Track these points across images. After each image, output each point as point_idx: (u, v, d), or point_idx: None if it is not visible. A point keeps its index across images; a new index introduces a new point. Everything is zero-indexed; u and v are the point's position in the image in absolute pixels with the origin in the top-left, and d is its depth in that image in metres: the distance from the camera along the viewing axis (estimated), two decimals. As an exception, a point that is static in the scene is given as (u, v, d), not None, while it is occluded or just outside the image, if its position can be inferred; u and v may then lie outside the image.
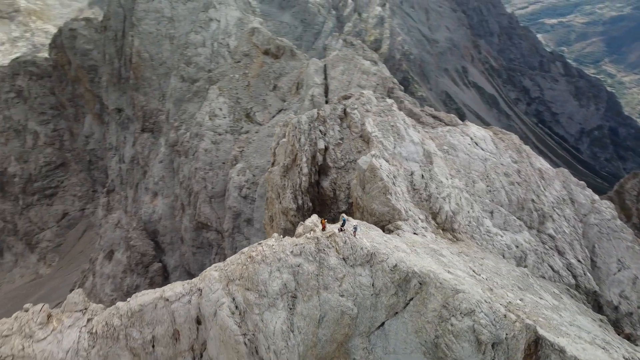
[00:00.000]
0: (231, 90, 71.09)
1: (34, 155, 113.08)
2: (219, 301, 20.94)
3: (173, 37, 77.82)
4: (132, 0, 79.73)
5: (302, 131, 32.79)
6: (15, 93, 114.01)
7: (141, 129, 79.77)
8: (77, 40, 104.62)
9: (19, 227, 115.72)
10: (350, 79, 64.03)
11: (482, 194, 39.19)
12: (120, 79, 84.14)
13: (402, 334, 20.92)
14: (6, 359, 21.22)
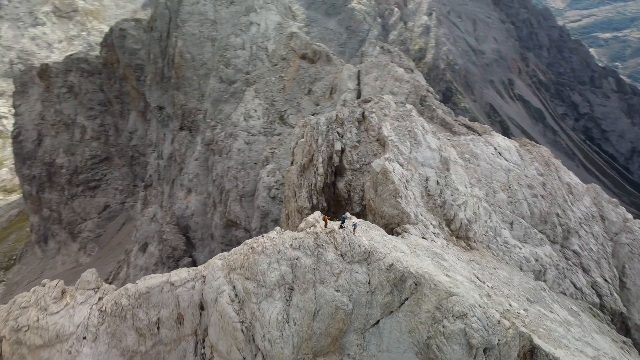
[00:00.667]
0: (267, 92, 72.57)
1: (81, 148, 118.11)
2: (220, 288, 21.82)
3: (215, 39, 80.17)
4: (177, 2, 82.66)
5: (320, 132, 33.51)
6: (67, 88, 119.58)
7: (180, 127, 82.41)
8: (126, 39, 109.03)
9: (63, 217, 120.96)
10: (383, 86, 64.35)
11: (503, 205, 38.79)
12: (163, 78, 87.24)
13: (396, 333, 21.21)
14: (22, 329, 22.75)
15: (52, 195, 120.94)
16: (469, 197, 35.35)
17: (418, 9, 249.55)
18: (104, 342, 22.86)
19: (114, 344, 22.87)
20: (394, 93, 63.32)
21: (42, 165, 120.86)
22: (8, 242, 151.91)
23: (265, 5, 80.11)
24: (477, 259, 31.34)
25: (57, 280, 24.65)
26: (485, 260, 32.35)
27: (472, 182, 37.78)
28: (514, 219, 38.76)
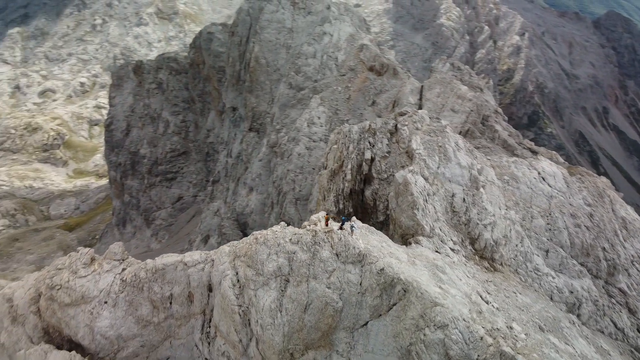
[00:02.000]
0: (332, 101, 74.44)
1: (163, 141, 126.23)
2: (225, 273, 23.65)
3: (289, 46, 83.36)
4: (259, 10, 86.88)
5: (351, 140, 34.61)
6: (157, 85, 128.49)
7: (249, 128, 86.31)
8: (212, 42, 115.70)
9: (141, 204, 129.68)
10: (444, 102, 64.21)
11: (540, 231, 37.82)
12: (239, 81, 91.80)
13: (382, 336, 21.96)
14: (55, 287, 25.86)
15: (134, 182, 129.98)
16: (500, 219, 34.97)
17: (510, 28, 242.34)
18: (122, 309, 25.47)
19: (130, 312, 25.40)
20: (454, 110, 63.04)
21: (128, 154, 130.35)
22: (94, 223, 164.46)
23: (340, 16, 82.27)
24: (496, 281, 31.04)
25: (89, 248, 27.74)
26: (507, 284, 31.92)
27: (509, 205, 37.25)
28: (550, 246, 37.66)
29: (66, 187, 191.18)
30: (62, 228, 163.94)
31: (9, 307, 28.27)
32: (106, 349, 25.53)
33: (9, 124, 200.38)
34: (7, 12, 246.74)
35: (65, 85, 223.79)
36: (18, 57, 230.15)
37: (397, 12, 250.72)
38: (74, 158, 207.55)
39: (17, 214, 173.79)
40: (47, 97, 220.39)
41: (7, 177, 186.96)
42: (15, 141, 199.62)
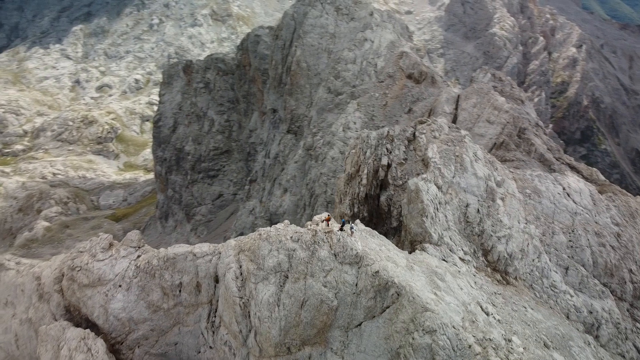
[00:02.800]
0: (368, 107, 74.85)
1: (207, 139, 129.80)
2: (229, 265, 24.69)
3: (331, 51, 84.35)
4: (303, 15, 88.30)
5: (369, 145, 35.05)
6: (204, 84, 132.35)
7: (287, 130, 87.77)
8: (259, 45, 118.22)
9: (183, 199, 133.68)
10: (480, 113, 63.56)
11: (560, 248, 37.07)
12: (280, 83, 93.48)
13: (374, 337, 22.43)
14: (76, 268, 27.66)
15: (177, 177, 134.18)
16: (518, 232, 34.60)
17: (567, 39, 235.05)
18: (135, 293, 26.97)
19: (142, 297, 26.87)
20: (490, 121, 62.31)
21: (173, 150, 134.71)
22: (139, 215, 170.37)
23: (382, 23, 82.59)
24: (506, 294, 30.80)
25: (108, 234, 29.48)
26: (517, 298, 31.59)
27: (529, 219, 36.75)
28: (570, 264, 36.85)
29: (116, 179, 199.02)
30: (109, 218, 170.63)
31: (37, 285, 30.45)
32: (118, 330, 27.13)
33: (67, 116, 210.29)
34: (72, 10, 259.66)
35: (121, 81, 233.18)
36: (79, 53, 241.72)
37: (449, 20, 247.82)
38: (125, 152, 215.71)
39: (69, 202, 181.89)
40: (103, 92, 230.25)
41: (62, 167, 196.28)
42: (72, 133, 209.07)
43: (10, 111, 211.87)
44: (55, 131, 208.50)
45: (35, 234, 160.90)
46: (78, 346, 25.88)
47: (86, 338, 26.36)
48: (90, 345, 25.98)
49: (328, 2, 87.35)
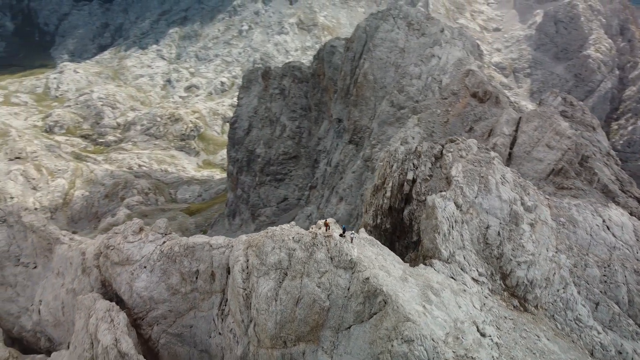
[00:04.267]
0: (429, 123, 74.71)
1: (277, 143, 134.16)
2: (238, 258, 26.60)
3: (399, 66, 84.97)
4: (375, 28, 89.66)
5: (396, 159, 35.67)
6: (280, 90, 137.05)
7: (348, 141, 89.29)
8: (334, 55, 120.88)
9: (250, 199, 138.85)
10: (540, 137, 61.79)
11: (592, 282, 35.70)
12: (347, 94, 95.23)
13: (360, 341, 23.40)
14: (110, 247, 30.82)
15: (247, 178, 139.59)
16: (545, 260, 33.90)
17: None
18: (157, 275, 29.60)
19: (163, 279, 29.44)
20: (550, 146, 60.38)
21: (246, 152, 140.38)
22: (211, 211, 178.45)
23: (451, 40, 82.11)
24: (519, 320, 30.39)
25: (139, 219, 32.40)
26: (532, 326, 31.02)
27: (560, 248, 35.81)
28: (602, 299, 35.40)
29: (194, 175, 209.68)
30: (184, 212, 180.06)
31: (82, 260, 34.09)
32: (140, 307, 29.88)
33: (156, 112, 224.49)
34: (171, 14, 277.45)
35: (208, 82, 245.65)
36: (173, 54, 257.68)
37: (539, 39, 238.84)
38: (205, 150, 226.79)
39: (150, 193, 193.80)
40: (191, 92, 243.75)
41: (147, 160, 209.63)
42: (160, 128, 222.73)
43: (108, 104, 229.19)
44: (145, 126, 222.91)
45: (117, 219, 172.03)
46: (103, 316, 28.90)
47: (111, 310, 29.38)
48: (114, 317, 28.91)
49: (400, 16, 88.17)
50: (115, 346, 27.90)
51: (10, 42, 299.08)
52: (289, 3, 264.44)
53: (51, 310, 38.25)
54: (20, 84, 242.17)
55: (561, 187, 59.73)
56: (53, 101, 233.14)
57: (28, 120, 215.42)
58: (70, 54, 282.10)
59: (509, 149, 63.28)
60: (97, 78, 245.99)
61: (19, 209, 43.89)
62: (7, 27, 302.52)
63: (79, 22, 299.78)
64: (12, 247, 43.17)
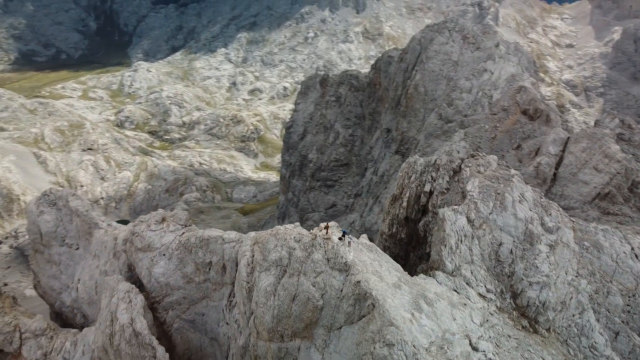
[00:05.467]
0: (475, 138, 73.80)
1: (330, 150, 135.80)
2: (245, 253, 28.10)
3: (450, 79, 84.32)
4: (429, 40, 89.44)
5: (414, 171, 35.91)
6: (336, 98, 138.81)
7: (395, 151, 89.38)
8: (390, 66, 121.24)
9: (300, 203, 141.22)
10: (588, 159, 59.86)
11: (614, 310, 34.49)
12: (398, 105, 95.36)
13: (349, 342, 24.24)
14: (134, 234, 33.17)
15: (298, 182, 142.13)
16: (561, 283, 33.22)
17: None
18: (174, 263, 31.59)
19: (179, 267, 31.41)
20: (597, 169, 58.42)
21: (299, 156, 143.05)
22: (263, 212, 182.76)
23: (505, 55, 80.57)
24: (525, 341, 30.03)
25: (162, 210, 34.62)
26: (539, 348, 30.53)
27: (581, 273, 34.90)
28: (622, 329, 34.14)
29: (251, 176, 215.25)
30: (238, 211, 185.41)
31: (114, 244, 36.84)
32: (157, 291, 31.97)
33: (220, 113, 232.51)
34: (241, 19, 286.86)
35: (271, 87, 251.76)
36: (240, 58, 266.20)
37: (615, 58, 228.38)
38: (263, 152, 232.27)
39: (207, 191, 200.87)
40: (254, 96, 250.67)
41: (208, 158, 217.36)
42: (222, 129, 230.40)
43: (175, 103, 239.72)
44: (208, 126, 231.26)
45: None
46: (123, 297, 31.25)
47: (130, 291, 31.68)
48: (132, 298, 31.16)
49: (456, 29, 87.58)
50: (131, 325, 30.17)
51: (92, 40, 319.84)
52: (356, 12, 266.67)
53: (86, 289, 41.39)
54: (98, 80, 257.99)
55: (607, 212, 57.65)
56: (126, 97, 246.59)
57: (102, 115, 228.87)
58: (145, 53, 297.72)
59: (554, 169, 61.70)
60: (168, 77, 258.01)
61: (68, 194, 47.77)
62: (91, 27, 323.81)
63: (155, 24, 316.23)
64: (59, 229, 47.14)
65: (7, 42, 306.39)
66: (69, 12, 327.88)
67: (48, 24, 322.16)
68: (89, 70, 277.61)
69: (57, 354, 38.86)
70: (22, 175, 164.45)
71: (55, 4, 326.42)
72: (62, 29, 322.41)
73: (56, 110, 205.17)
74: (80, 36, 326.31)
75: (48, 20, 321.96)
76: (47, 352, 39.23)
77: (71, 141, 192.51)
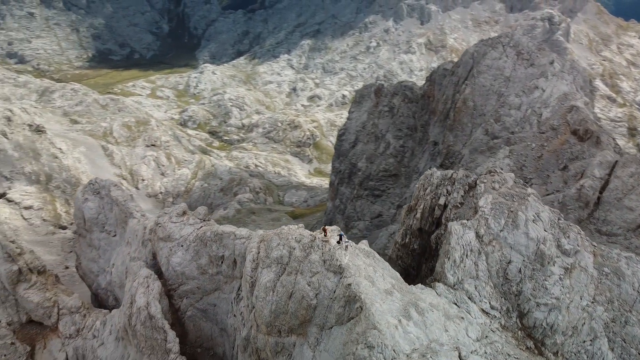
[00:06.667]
0: (520, 156, 72.22)
1: (379, 160, 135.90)
2: (251, 249, 29.57)
3: (501, 94, 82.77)
4: (482, 55, 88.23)
5: (430, 183, 36.01)
6: (389, 108, 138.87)
7: (440, 164, 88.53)
8: (445, 78, 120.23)
9: (346, 210, 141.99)
10: (636, 184, 57.63)
11: (631, 341, 33.23)
12: (446, 118, 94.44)
13: (337, 342, 25.12)
14: (158, 225, 35.40)
15: (346, 190, 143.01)
16: (575, 307, 32.51)
17: None
18: (190, 254, 33.50)
19: (195, 259, 33.30)
20: (643, 195, 56.06)
21: (348, 164, 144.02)
22: (312, 217, 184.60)
23: (559, 73, 78.19)
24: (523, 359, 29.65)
25: (184, 204, 36.68)
26: (541, 369, 30.04)
27: (598, 299, 33.93)
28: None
29: (304, 181, 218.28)
30: (288, 214, 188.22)
31: (143, 233, 39.44)
32: (173, 279, 33.97)
33: (278, 117, 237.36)
34: (305, 27, 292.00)
35: (330, 94, 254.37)
36: (302, 65, 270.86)
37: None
38: (318, 158, 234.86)
39: (260, 192, 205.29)
40: (313, 102, 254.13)
41: (264, 161, 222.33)
42: (279, 133, 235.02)
43: (237, 106, 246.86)
44: (266, 129, 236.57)
45: (228, 213, 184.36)
46: (142, 282, 33.50)
47: (149, 277, 33.90)
48: (150, 283, 33.33)
49: (511, 45, 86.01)
50: (147, 308, 32.32)
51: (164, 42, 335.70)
52: (420, 23, 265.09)
53: (118, 274, 44.31)
54: (166, 80, 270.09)
55: (653, 241, 55.30)
56: (190, 98, 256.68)
57: (167, 113, 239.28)
58: (212, 56, 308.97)
59: (598, 193, 59.69)
60: (231, 80, 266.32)
61: (110, 184, 51.24)
62: (163, 29, 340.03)
63: (223, 29, 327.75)
64: (100, 216, 50.61)
65: (87, 41, 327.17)
66: (145, 14, 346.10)
67: (125, 25, 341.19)
68: (157, 70, 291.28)
69: (88, 331, 41.90)
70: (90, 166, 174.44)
71: (133, 7, 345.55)
72: (137, 30, 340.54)
73: (125, 106, 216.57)
74: (153, 37, 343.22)
75: (125, 21, 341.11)
76: (80, 329, 42.37)
77: (136, 137, 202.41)
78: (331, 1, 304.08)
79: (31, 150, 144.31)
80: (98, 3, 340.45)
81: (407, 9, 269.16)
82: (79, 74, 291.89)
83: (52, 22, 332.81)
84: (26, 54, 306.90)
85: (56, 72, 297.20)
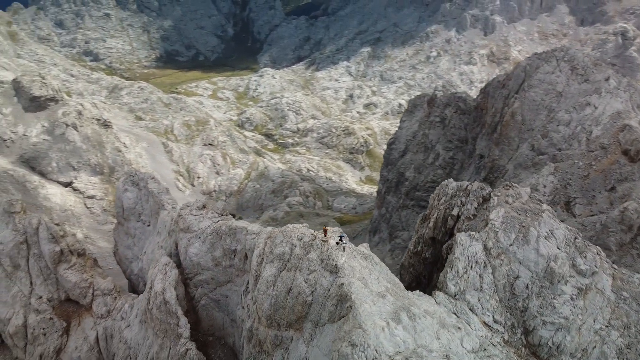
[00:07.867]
0: (566, 174, 69.94)
1: (427, 170, 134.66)
2: (259, 245, 30.91)
3: (551, 110, 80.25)
4: (534, 68, 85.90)
5: (445, 193, 35.83)
6: (440, 119, 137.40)
7: (483, 178, 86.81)
8: (497, 91, 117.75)
9: (391, 219, 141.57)
10: (684, 210, 54.78)
11: (646, 369, 31.80)
12: (494, 132, 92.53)
13: (327, 338, 25.95)
14: (180, 217, 37.45)
15: (392, 199, 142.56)
16: (586, 330, 31.68)
17: None
18: (207, 246, 35.21)
19: (210, 251, 35.00)
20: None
21: (396, 173, 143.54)
22: (359, 224, 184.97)
23: (614, 90, 74.81)
24: (525, 378, 29.23)
25: (205, 198, 38.48)
26: (542, 389, 29.46)
27: (613, 324, 32.82)
28: (652, 392, 31.42)
29: (354, 187, 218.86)
30: (336, 220, 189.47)
31: (170, 224, 41.75)
32: (189, 269, 35.79)
33: (333, 123, 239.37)
34: (366, 34, 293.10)
35: (386, 103, 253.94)
36: (360, 72, 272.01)
37: None
38: (370, 166, 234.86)
39: (309, 197, 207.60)
40: (369, 110, 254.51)
41: (316, 165, 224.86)
42: (333, 139, 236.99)
43: (293, 110, 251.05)
44: (320, 134, 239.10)
45: (277, 214, 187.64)
46: (161, 269, 35.55)
47: (167, 265, 35.92)
48: (167, 271, 35.33)
49: (565, 59, 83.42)
50: (162, 294, 34.33)
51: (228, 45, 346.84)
52: (483, 34, 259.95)
53: (148, 261, 46.93)
54: (227, 82, 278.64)
55: (695, 271, 52.38)
56: (249, 100, 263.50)
57: (226, 114, 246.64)
58: (272, 60, 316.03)
59: (643, 217, 57.10)
60: (290, 85, 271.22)
61: (148, 177, 54.25)
62: (228, 33, 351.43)
63: (285, 34, 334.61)
64: (137, 206, 53.71)
65: (156, 42, 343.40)
66: (211, 18, 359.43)
67: (192, 27, 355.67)
68: (220, 72, 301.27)
69: (117, 312, 44.70)
70: (150, 161, 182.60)
71: (201, 10, 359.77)
72: (203, 32, 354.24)
73: (187, 106, 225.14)
74: (218, 40, 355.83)
75: (192, 24, 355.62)
76: (110, 310, 45.26)
77: (195, 135, 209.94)
78: (394, 10, 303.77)
79: (97, 143, 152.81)
80: (169, 6, 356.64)
81: (470, 19, 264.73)
82: (146, 72, 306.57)
83: (126, 22, 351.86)
84: (100, 53, 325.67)
85: (126, 70, 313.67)
